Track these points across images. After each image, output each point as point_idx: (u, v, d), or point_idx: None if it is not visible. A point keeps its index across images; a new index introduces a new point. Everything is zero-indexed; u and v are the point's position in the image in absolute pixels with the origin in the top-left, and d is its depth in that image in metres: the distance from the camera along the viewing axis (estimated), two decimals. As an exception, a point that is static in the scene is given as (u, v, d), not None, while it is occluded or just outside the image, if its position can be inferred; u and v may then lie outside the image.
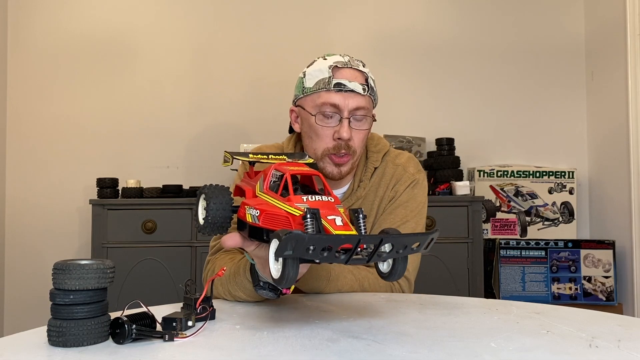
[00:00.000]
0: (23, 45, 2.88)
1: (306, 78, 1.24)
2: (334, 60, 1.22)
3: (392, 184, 1.32)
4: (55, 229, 2.83)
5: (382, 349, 0.78)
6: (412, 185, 1.31)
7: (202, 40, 2.94)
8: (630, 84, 2.59)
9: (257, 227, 0.83)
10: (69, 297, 0.78)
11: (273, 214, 0.81)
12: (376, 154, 1.34)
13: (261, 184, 0.90)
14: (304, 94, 1.24)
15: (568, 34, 3.02)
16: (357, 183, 1.31)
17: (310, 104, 1.23)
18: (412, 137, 2.82)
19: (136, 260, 2.40)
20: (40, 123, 2.86)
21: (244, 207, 0.88)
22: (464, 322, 0.93)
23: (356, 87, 1.20)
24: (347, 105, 1.19)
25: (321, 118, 1.21)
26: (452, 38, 3.00)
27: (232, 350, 0.78)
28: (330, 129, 1.21)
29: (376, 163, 1.33)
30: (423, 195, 1.33)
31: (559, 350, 0.77)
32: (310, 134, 1.25)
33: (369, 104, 1.23)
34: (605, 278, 2.64)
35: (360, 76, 1.22)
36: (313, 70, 1.23)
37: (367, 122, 1.24)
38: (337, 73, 1.20)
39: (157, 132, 2.88)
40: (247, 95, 2.92)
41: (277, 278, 0.72)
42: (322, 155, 1.23)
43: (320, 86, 1.21)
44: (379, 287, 1.20)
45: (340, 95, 1.19)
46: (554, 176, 2.89)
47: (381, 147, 1.36)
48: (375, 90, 1.25)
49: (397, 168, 1.33)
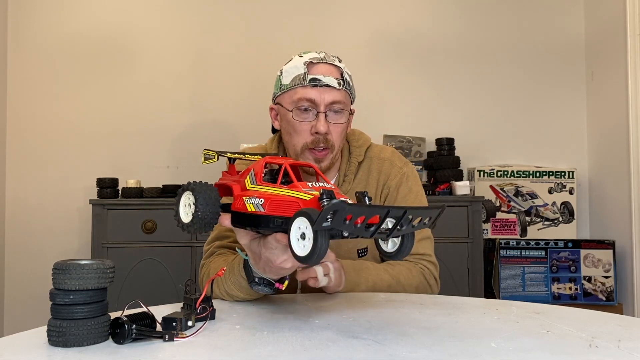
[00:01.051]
0: (23, 45, 2.88)
1: (283, 75, 1.26)
2: (310, 56, 1.24)
3: (382, 180, 1.34)
4: (55, 229, 2.83)
5: (382, 349, 0.78)
6: (404, 179, 1.34)
7: (202, 40, 2.94)
8: (630, 84, 2.59)
9: (263, 215, 0.83)
10: (69, 297, 0.78)
11: (281, 200, 0.82)
12: (358, 149, 1.35)
13: (252, 178, 0.90)
14: (282, 91, 1.26)
15: (568, 34, 3.02)
16: (342, 178, 1.33)
17: (287, 101, 1.25)
18: (412, 137, 2.82)
19: (136, 260, 2.40)
20: (40, 123, 2.86)
21: (240, 199, 0.88)
22: (464, 322, 0.93)
23: (331, 81, 1.21)
24: (323, 100, 1.21)
25: (298, 113, 1.23)
26: (452, 38, 3.00)
27: (232, 350, 0.78)
28: (308, 124, 1.23)
29: (359, 157, 1.35)
30: (417, 185, 1.36)
31: (559, 350, 0.77)
32: (289, 130, 1.26)
33: (345, 98, 1.24)
34: (605, 278, 2.64)
35: (335, 71, 1.24)
36: (289, 67, 1.25)
37: (344, 116, 1.25)
38: (312, 68, 1.22)
39: (157, 132, 2.88)
40: (247, 96, 2.91)
41: (306, 255, 0.73)
42: (301, 151, 1.25)
43: (296, 82, 1.22)
44: (413, 277, 1.24)
45: (316, 90, 1.21)
46: (554, 176, 2.89)
47: (363, 141, 1.37)
48: (351, 85, 1.27)
49: (383, 163, 1.35)
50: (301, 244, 0.74)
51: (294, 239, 0.75)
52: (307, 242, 0.73)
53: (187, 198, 0.88)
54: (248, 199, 0.86)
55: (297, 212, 0.74)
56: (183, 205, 0.89)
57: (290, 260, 0.91)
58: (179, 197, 0.90)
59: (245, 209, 0.86)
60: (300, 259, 0.75)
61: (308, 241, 0.73)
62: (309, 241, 0.73)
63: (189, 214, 0.87)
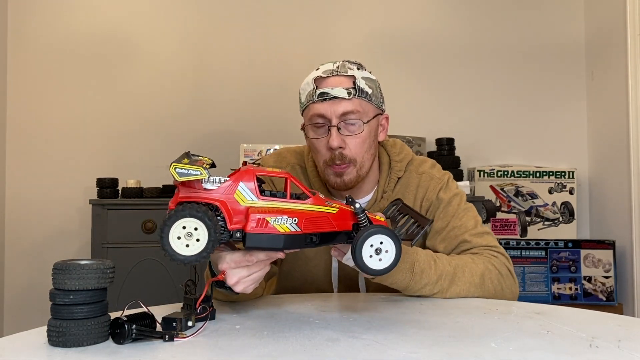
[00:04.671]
0: (23, 45, 2.88)
1: (300, 94, 1.24)
2: (322, 69, 1.21)
3: (420, 194, 1.28)
4: (55, 229, 2.83)
5: (382, 349, 0.78)
6: (443, 188, 1.29)
7: (203, 40, 2.94)
8: (631, 84, 2.59)
9: (298, 234, 0.84)
10: (69, 297, 0.78)
11: (313, 217, 0.85)
12: (399, 163, 1.30)
13: (247, 194, 0.84)
14: (301, 109, 1.25)
15: (568, 34, 3.02)
16: (380, 194, 1.28)
17: (306, 118, 1.23)
18: (412, 137, 2.82)
19: (136, 260, 2.40)
20: (40, 123, 2.86)
21: (257, 218, 0.82)
22: (464, 322, 0.93)
23: (340, 92, 1.16)
24: (334, 113, 1.16)
25: (314, 129, 1.20)
26: (452, 38, 3.00)
27: (232, 350, 0.78)
28: (323, 140, 1.19)
29: (399, 173, 1.29)
30: (457, 188, 1.32)
31: (559, 350, 0.77)
32: (312, 148, 1.24)
33: (360, 107, 1.18)
34: (605, 278, 2.64)
35: (345, 81, 1.18)
36: (304, 84, 1.23)
37: (360, 127, 1.18)
38: (321, 83, 1.18)
39: (157, 132, 2.88)
40: (247, 96, 2.91)
41: (387, 267, 0.85)
42: (323, 167, 1.22)
43: (308, 99, 1.20)
44: (477, 265, 1.14)
45: (326, 104, 1.17)
46: (554, 176, 2.89)
47: (404, 155, 1.32)
48: (368, 91, 1.19)
49: (421, 177, 1.30)
50: (375, 259, 0.84)
51: (366, 256, 0.83)
52: (385, 256, 0.84)
53: (182, 226, 0.78)
54: (277, 219, 0.82)
55: (374, 230, 0.83)
56: (174, 236, 0.78)
57: (242, 285, 0.91)
58: (169, 228, 0.78)
59: (275, 230, 0.82)
60: (377, 272, 0.84)
61: (387, 254, 0.84)
62: (389, 254, 0.84)
63: (191, 244, 0.78)
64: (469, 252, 1.20)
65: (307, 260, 1.28)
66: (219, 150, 2.74)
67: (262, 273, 0.93)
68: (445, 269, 1.11)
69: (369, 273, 0.85)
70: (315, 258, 1.27)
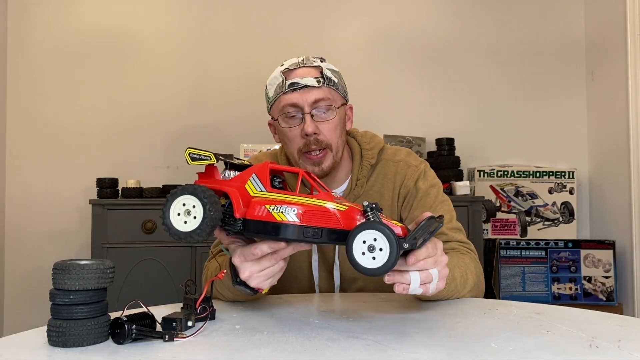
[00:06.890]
0: (23, 45, 2.88)
1: (267, 89, 1.27)
2: (288, 63, 1.24)
3: (398, 181, 1.31)
4: (55, 229, 2.83)
5: (382, 349, 0.78)
6: (421, 177, 1.31)
7: (202, 40, 2.94)
8: (631, 84, 2.59)
9: (296, 225, 0.82)
10: (69, 297, 0.78)
11: (316, 210, 0.83)
12: (370, 151, 1.33)
13: (257, 184, 0.87)
14: (269, 103, 1.27)
15: (568, 34, 3.02)
16: (354, 182, 1.31)
17: (276, 111, 1.25)
18: (412, 137, 2.82)
19: (136, 260, 2.40)
20: (40, 123, 2.86)
21: (259, 206, 0.84)
22: (464, 322, 0.93)
23: (310, 81, 1.20)
24: (306, 100, 1.20)
25: (286, 120, 1.23)
26: (452, 38, 3.00)
27: (232, 350, 0.78)
28: (296, 128, 1.22)
29: (372, 160, 1.32)
30: (435, 178, 1.33)
31: (559, 350, 0.77)
32: (284, 140, 1.26)
33: (330, 95, 1.22)
34: (605, 278, 2.64)
35: (314, 71, 1.23)
36: (270, 79, 1.26)
37: (332, 112, 1.23)
38: (290, 74, 1.22)
39: (157, 132, 2.88)
40: (247, 96, 2.91)
41: (379, 267, 0.78)
42: (298, 157, 1.24)
43: (278, 91, 1.23)
44: (472, 266, 1.17)
45: (297, 93, 1.20)
46: (554, 176, 2.89)
47: (375, 143, 1.35)
48: (335, 80, 1.24)
49: (398, 164, 1.32)
50: (369, 257, 0.78)
51: (358, 253, 0.78)
52: (379, 254, 0.78)
53: (182, 204, 0.82)
54: (276, 207, 0.83)
55: (367, 224, 0.78)
56: (175, 212, 0.83)
57: (255, 280, 0.92)
58: (170, 204, 0.83)
59: (272, 218, 0.82)
60: (370, 272, 0.78)
61: (381, 253, 0.78)
62: (383, 253, 0.78)
63: (189, 221, 0.82)
64: (446, 244, 1.20)
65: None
66: (219, 150, 2.73)
67: (276, 269, 0.93)
68: (461, 274, 1.11)
69: (363, 272, 0.80)
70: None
